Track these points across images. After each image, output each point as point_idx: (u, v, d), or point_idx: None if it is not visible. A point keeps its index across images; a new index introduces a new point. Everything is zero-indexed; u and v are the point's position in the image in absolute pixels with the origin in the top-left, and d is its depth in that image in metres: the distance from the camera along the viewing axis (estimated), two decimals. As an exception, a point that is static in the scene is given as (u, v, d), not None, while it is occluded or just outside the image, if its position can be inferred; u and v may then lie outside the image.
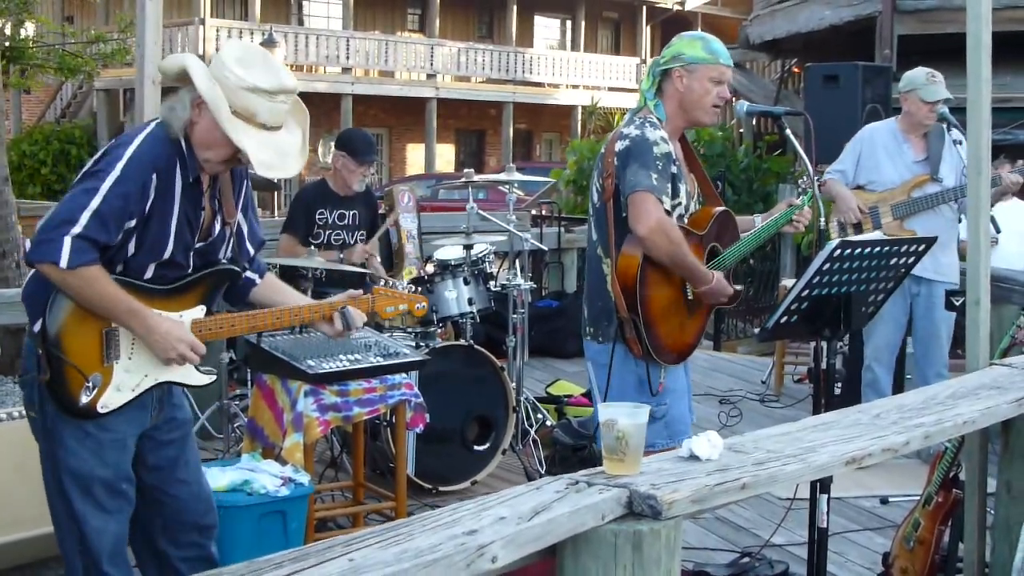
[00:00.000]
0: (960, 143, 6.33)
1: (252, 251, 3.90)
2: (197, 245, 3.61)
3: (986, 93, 4.11)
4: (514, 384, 6.85)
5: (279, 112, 3.52)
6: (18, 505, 4.82)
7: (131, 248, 3.46)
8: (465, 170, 8.02)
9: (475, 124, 38.14)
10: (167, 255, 3.52)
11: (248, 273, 3.88)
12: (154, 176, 3.42)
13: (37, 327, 3.45)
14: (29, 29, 16.29)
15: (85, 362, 3.44)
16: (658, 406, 4.23)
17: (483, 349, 6.52)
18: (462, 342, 6.53)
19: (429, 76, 35.10)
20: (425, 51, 34.98)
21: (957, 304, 5.75)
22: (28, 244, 3.36)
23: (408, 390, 5.38)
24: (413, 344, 5.97)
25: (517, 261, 7.34)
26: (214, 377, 3.81)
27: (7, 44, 14.69)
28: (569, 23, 40.78)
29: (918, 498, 4.66)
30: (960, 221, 6.65)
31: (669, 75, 4.40)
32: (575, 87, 38.25)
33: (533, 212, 13.49)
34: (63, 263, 3.28)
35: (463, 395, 6.40)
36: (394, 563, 2.11)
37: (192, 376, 3.69)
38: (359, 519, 5.57)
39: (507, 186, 7.59)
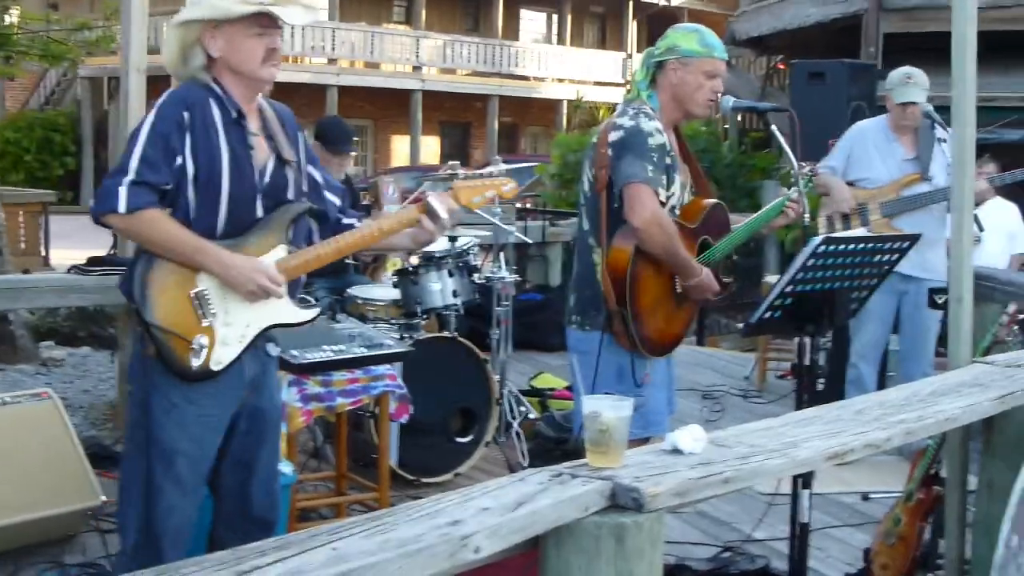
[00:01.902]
0: (944, 141, 6.34)
1: (336, 200, 3.93)
2: (260, 185, 3.64)
3: (971, 92, 4.12)
4: (497, 377, 6.86)
5: None
6: (4, 491, 4.81)
7: (191, 193, 3.52)
8: (450, 162, 8.01)
9: (460, 116, 38.13)
10: (226, 193, 3.54)
11: (346, 220, 3.90)
12: (185, 112, 3.50)
13: (135, 309, 3.54)
14: (13, 16, 16.22)
15: (185, 328, 3.51)
16: (636, 397, 4.24)
17: (467, 341, 6.52)
18: (446, 334, 6.52)
19: (415, 68, 35.13)
20: (411, 43, 34.98)
21: (940, 302, 5.76)
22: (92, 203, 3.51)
23: (391, 381, 5.38)
24: (397, 335, 5.97)
25: (502, 254, 7.33)
26: (318, 311, 3.82)
27: (-8, 30, 14.66)
28: (555, 17, 40.82)
29: (899, 494, 4.68)
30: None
31: (663, 67, 4.40)
32: (560, 81, 38.31)
33: (518, 205, 13.48)
34: (122, 208, 3.40)
35: (446, 387, 6.39)
36: (377, 552, 2.10)
37: (295, 313, 3.73)
38: (341, 509, 5.57)
39: (492, 179, 7.56)
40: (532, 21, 41.07)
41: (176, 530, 3.63)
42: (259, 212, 3.64)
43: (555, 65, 38.43)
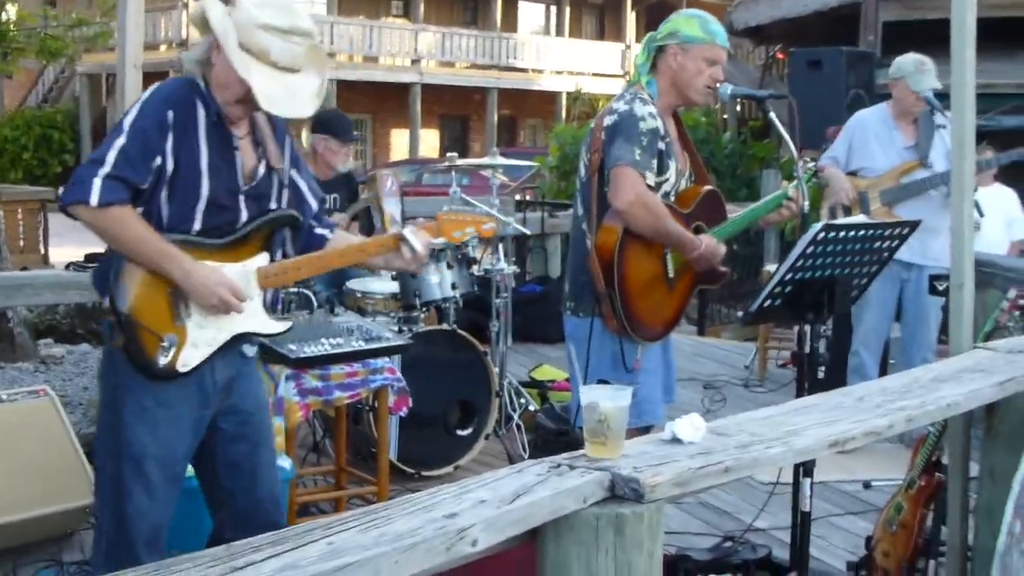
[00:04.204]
0: (944, 127, 6.31)
1: (315, 206, 3.90)
2: (245, 188, 3.60)
3: (970, 77, 4.09)
4: (497, 369, 6.85)
5: (293, 53, 3.49)
6: (1, 490, 4.79)
7: (164, 194, 3.44)
8: (448, 154, 8.00)
9: (459, 110, 38.10)
10: (204, 195, 3.49)
11: (319, 229, 3.88)
12: (169, 113, 3.43)
13: (107, 301, 3.46)
14: (11, 12, 16.20)
15: (157, 324, 3.46)
16: (629, 384, 4.21)
17: (466, 334, 6.50)
18: (445, 327, 6.51)
19: (413, 61, 35.07)
20: (409, 36, 34.93)
21: (940, 288, 5.74)
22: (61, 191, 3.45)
23: (390, 374, 5.36)
24: (396, 328, 5.95)
25: (500, 245, 7.32)
26: (290, 324, 3.80)
27: (-12, 28, 14.64)
28: (554, 8, 40.73)
29: (901, 482, 4.66)
30: None
31: (664, 51, 4.38)
32: (559, 73, 38.24)
33: (517, 197, 13.47)
34: (94, 201, 3.31)
35: (446, 380, 6.38)
36: (373, 547, 2.09)
37: (267, 324, 3.69)
38: (341, 504, 5.55)
39: (491, 171, 7.57)
40: (531, 13, 40.98)
41: (150, 533, 3.58)
42: (243, 216, 3.60)
43: (554, 57, 38.35)
